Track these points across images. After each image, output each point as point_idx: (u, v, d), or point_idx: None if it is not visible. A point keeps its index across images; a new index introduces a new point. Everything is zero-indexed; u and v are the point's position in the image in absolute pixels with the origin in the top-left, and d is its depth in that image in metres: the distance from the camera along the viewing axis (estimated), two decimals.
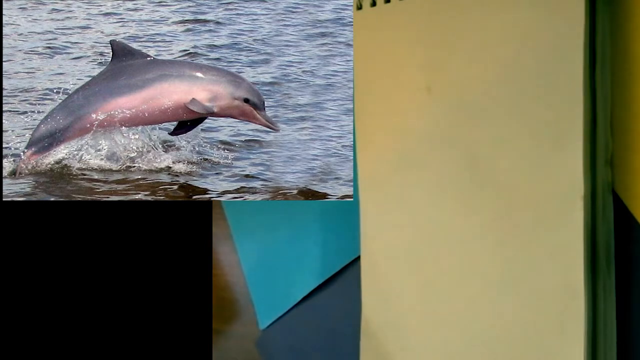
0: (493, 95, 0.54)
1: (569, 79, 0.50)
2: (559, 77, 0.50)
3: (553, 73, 0.51)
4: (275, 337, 0.77)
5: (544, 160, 0.51)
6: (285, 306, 0.75)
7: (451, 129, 0.56)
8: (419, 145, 0.59)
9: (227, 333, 0.82)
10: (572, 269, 0.50)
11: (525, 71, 0.52)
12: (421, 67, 0.58)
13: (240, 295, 0.81)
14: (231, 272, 0.82)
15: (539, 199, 0.52)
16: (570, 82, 0.50)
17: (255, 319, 0.78)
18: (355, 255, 0.67)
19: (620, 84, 0.51)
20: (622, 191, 0.51)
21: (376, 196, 0.62)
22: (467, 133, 0.56)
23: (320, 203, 0.74)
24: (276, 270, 0.76)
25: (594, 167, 0.50)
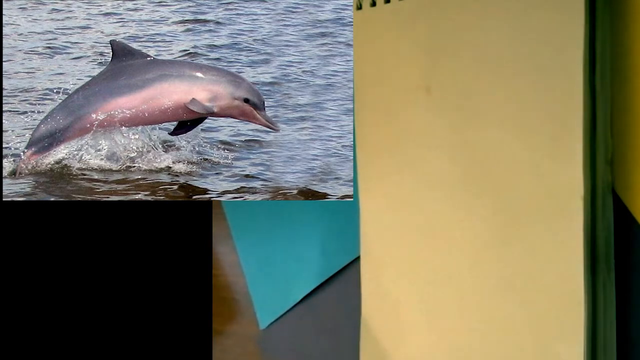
0: (493, 95, 0.54)
1: (569, 79, 0.50)
2: (559, 77, 0.50)
3: (553, 73, 0.51)
4: (275, 337, 0.77)
5: (544, 161, 0.51)
6: (285, 306, 0.75)
7: (451, 129, 0.56)
8: (418, 145, 0.59)
9: (227, 333, 0.82)
10: (572, 269, 0.50)
11: (525, 71, 0.52)
12: (421, 67, 0.58)
13: (240, 295, 0.81)
14: (231, 272, 0.82)
15: (539, 199, 0.52)
16: (570, 82, 0.50)
17: (255, 319, 0.78)
18: (355, 255, 0.67)
19: (620, 84, 0.51)
20: (622, 191, 0.51)
21: (376, 196, 0.62)
22: (466, 133, 0.56)
23: (320, 203, 0.74)
24: (276, 270, 0.76)
25: (594, 167, 0.50)
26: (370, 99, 0.62)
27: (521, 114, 0.52)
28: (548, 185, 0.51)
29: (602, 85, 0.50)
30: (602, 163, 0.51)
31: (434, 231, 0.58)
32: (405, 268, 0.60)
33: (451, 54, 0.56)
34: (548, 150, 0.51)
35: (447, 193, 0.57)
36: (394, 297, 0.61)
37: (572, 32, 0.50)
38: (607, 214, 0.51)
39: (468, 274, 0.56)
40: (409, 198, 0.60)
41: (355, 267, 0.68)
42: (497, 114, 0.54)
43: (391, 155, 0.61)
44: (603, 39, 0.50)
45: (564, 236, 0.50)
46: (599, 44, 0.50)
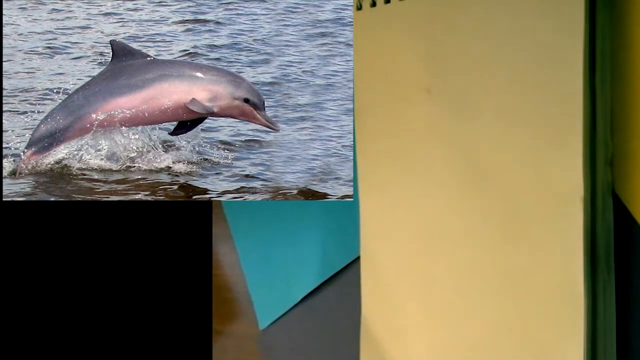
0: (492, 96, 0.54)
1: (569, 79, 0.50)
2: (559, 77, 0.50)
3: (553, 73, 0.51)
4: (275, 337, 0.77)
5: (544, 161, 0.51)
6: (285, 306, 0.75)
7: (451, 130, 0.56)
8: (418, 145, 0.59)
9: (227, 333, 0.82)
10: (572, 269, 0.50)
11: (524, 71, 0.52)
12: (421, 67, 0.58)
13: (240, 295, 0.81)
14: (231, 272, 0.82)
15: (539, 200, 0.51)
16: (570, 82, 0.50)
17: (255, 319, 0.78)
18: (355, 255, 0.67)
19: (620, 84, 0.51)
20: (622, 191, 0.51)
21: (376, 196, 0.62)
22: (466, 133, 0.56)
23: (320, 203, 0.74)
24: (276, 270, 0.76)
25: (594, 167, 0.50)
26: (370, 99, 0.62)
27: (521, 115, 0.52)
28: (548, 185, 0.51)
29: (602, 85, 0.50)
30: (602, 163, 0.51)
31: (433, 231, 0.58)
32: (405, 268, 0.60)
33: (451, 54, 0.56)
34: (548, 151, 0.51)
35: (447, 193, 0.57)
36: (394, 296, 0.61)
37: (572, 32, 0.50)
38: (607, 215, 0.51)
39: (468, 274, 0.56)
40: (409, 198, 0.60)
41: (355, 267, 0.68)
42: (497, 114, 0.54)
43: (391, 155, 0.61)
44: (603, 39, 0.50)
45: (564, 237, 0.50)
46: (599, 44, 0.50)
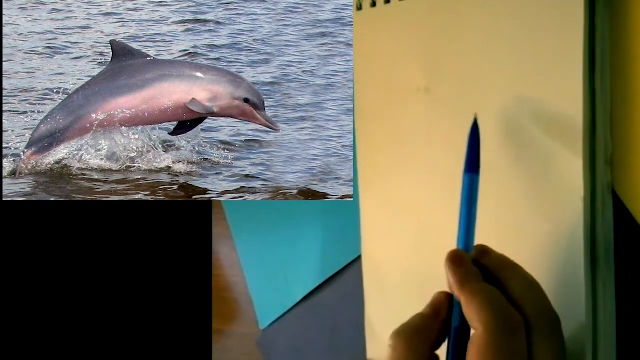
0: (492, 96, 0.54)
1: (569, 78, 0.50)
2: (559, 77, 0.50)
3: (553, 73, 0.51)
4: (276, 337, 0.77)
5: (544, 161, 0.51)
6: (285, 306, 0.75)
7: (450, 130, 0.56)
8: (418, 145, 0.59)
9: (227, 333, 0.82)
10: (573, 269, 0.50)
11: (524, 71, 0.52)
12: (421, 67, 0.58)
13: (240, 295, 0.81)
14: (231, 272, 0.82)
15: (539, 200, 0.51)
16: (570, 82, 0.50)
17: (255, 319, 0.78)
18: (355, 255, 0.67)
19: (620, 84, 0.51)
20: (622, 191, 0.51)
21: (376, 196, 0.62)
22: (466, 133, 0.55)
23: (320, 203, 0.74)
24: (276, 270, 0.76)
25: (594, 167, 0.50)
26: (370, 98, 0.62)
27: (521, 115, 0.52)
28: (548, 185, 0.51)
29: (602, 86, 0.50)
30: (602, 163, 0.51)
31: (433, 231, 0.58)
32: (405, 268, 0.60)
33: (451, 54, 0.56)
34: (548, 151, 0.51)
35: (447, 193, 0.57)
36: (396, 296, 0.61)
37: (572, 32, 0.50)
38: (607, 214, 0.51)
39: None
40: (409, 198, 0.60)
41: (355, 267, 0.68)
42: (497, 114, 0.54)
43: (391, 155, 0.61)
44: (603, 39, 0.50)
45: (564, 236, 0.50)
46: (599, 44, 0.50)
